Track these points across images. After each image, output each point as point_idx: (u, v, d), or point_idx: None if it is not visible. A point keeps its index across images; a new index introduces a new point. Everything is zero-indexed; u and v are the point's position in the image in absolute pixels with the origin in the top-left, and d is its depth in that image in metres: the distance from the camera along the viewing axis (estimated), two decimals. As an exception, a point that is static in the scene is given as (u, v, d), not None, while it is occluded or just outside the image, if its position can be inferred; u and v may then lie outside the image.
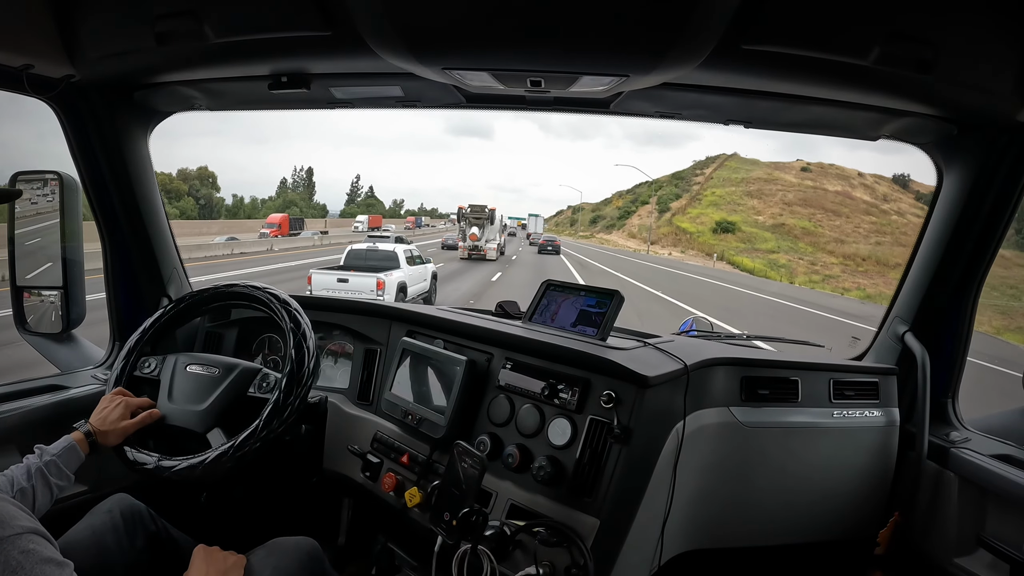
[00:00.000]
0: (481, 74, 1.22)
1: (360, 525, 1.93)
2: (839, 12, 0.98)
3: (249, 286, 1.54)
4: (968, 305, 1.53)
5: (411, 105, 1.64)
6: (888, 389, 1.57)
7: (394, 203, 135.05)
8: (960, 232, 1.46)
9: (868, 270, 51.75)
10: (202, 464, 1.28)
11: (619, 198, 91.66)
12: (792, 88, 1.30)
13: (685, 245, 67.53)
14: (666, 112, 1.56)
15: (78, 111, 1.56)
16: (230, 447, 1.29)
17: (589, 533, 1.15)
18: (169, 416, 1.41)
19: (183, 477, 1.29)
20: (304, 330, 1.42)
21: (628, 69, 1.14)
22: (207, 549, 1.18)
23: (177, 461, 1.30)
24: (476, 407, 1.42)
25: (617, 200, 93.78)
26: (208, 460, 1.28)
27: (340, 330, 1.84)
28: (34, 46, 1.28)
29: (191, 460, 1.30)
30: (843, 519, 1.53)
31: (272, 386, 1.40)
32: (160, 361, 1.50)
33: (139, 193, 1.73)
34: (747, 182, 79.14)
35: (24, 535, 0.78)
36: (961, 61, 1.07)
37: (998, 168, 1.37)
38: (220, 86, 1.54)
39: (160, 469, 1.31)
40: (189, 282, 1.97)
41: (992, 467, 1.34)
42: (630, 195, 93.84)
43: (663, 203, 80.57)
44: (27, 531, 0.79)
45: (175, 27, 1.17)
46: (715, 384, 1.37)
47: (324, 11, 1.08)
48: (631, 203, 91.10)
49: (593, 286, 1.53)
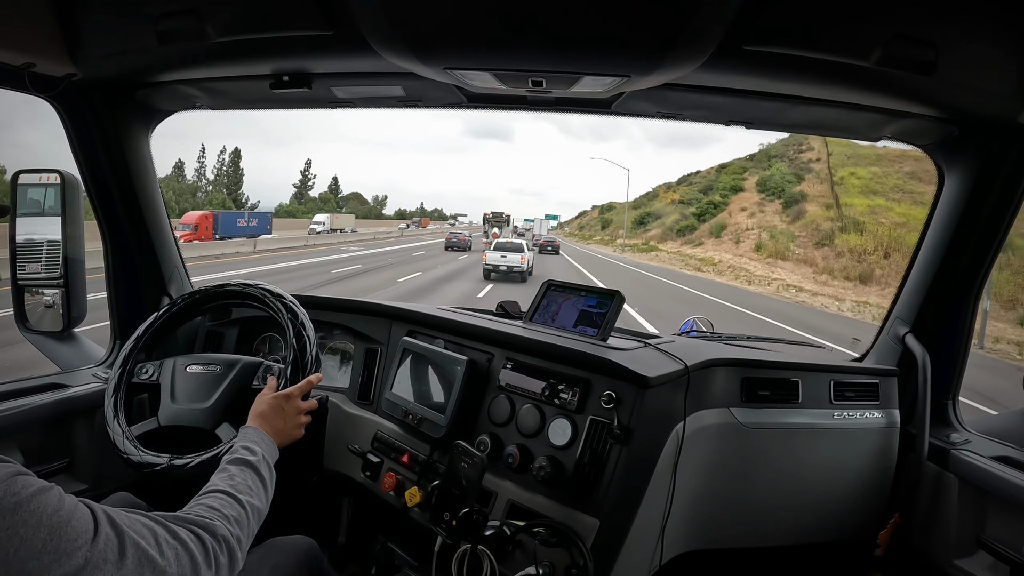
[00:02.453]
0: (482, 74, 1.22)
1: (360, 525, 1.93)
2: (841, 13, 0.98)
3: (242, 284, 1.54)
4: (969, 307, 1.52)
5: (412, 105, 1.64)
6: (889, 390, 1.57)
7: (376, 199, 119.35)
8: (961, 234, 1.46)
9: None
10: (216, 458, 1.27)
11: (670, 191, 61.01)
12: (793, 89, 1.30)
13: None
14: (667, 113, 1.56)
15: (79, 110, 1.57)
16: None
17: (589, 533, 1.15)
18: (174, 418, 1.40)
19: (199, 473, 1.28)
20: (302, 319, 1.43)
21: (629, 69, 1.14)
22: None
23: (190, 458, 1.30)
24: (476, 407, 1.42)
25: (669, 194, 59.98)
26: (223, 453, 1.28)
27: (341, 329, 1.84)
28: (36, 45, 1.28)
29: (204, 455, 1.29)
30: (843, 520, 1.53)
31: (276, 375, 1.40)
32: (158, 366, 1.49)
33: (140, 192, 1.73)
34: (888, 159, 37.82)
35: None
36: (962, 63, 1.07)
37: (999, 170, 1.36)
38: (221, 85, 1.54)
39: (173, 468, 1.29)
40: (190, 281, 1.98)
41: (992, 469, 1.34)
42: (685, 185, 59.25)
43: (776, 189, 42.52)
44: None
45: (177, 26, 1.17)
46: (715, 385, 1.37)
47: (326, 10, 1.08)
48: (701, 192, 52.56)
49: (593, 286, 1.53)
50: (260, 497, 0.98)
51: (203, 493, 0.93)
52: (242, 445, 1.07)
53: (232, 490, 0.93)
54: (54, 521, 0.65)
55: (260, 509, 0.97)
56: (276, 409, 1.20)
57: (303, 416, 1.25)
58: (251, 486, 0.98)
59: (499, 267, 18.68)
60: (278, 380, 1.34)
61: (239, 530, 0.87)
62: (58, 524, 0.65)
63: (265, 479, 1.02)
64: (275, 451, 1.12)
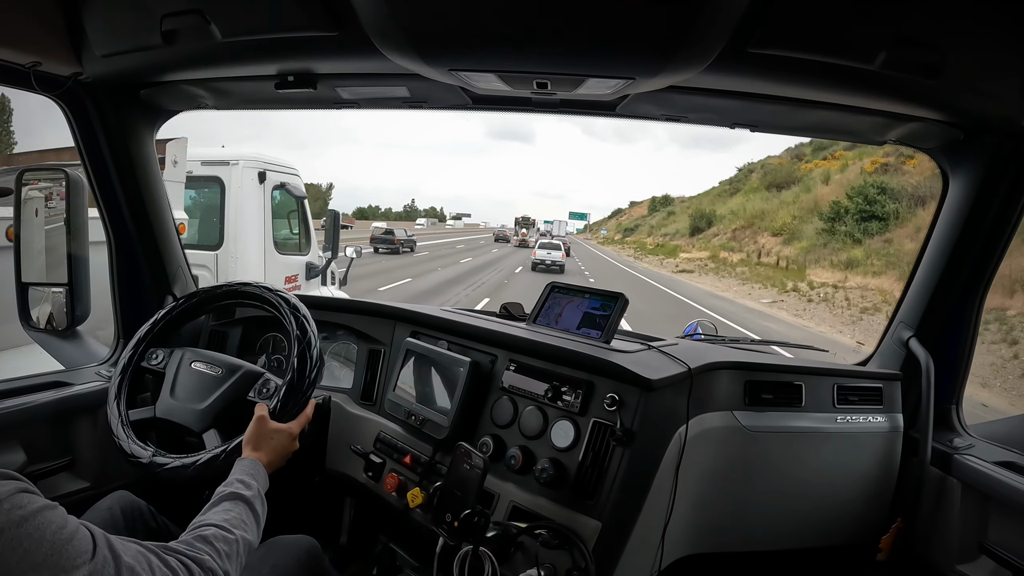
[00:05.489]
0: (487, 76, 1.22)
1: (362, 525, 1.93)
2: (846, 16, 0.98)
3: (261, 287, 1.53)
4: (973, 311, 1.52)
5: (417, 106, 1.64)
6: (892, 394, 1.56)
7: (405, 207, 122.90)
8: (965, 238, 1.45)
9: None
10: (194, 465, 1.29)
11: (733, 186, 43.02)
12: (798, 92, 1.29)
13: None
14: (672, 115, 1.56)
15: (85, 109, 1.57)
16: (222, 451, 1.28)
17: (591, 536, 1.15)
18: (170, 412, 1.41)
19: (174, 475, 1.30)
20: (310, 338, 1.39)
21: (634, 72, 1.14)
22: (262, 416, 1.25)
23: (170, 459, 1.31)
24: (479, 408, 1.42)
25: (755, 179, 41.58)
26: (200, 462, 1.29)
27: (344, 330, 1.84)
28: (42, 44, 1.28)
29: (184, 460, 1.30)
30: (845, 524, 1.52)
31: (271, 393, 1.38)
32: (168, 354, 1.51)
33: (145, 191, 1.74)
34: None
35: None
36: (968, 66, 1.07)
37: (1004, 174, 1.36)
38: (227, 85, 1.54)
39: (153, 465, 1.31)
40: (195, 280, 1.98)
41: (995, 474, 1.34)
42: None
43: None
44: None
45: (182, 26, 1.17)
46: (718, 388, 1.36)
47: (331, 12, 1.09)
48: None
49: (597, 288, 1.53)
50: (252, 532, 1.02)
51: (198, 525, 0.96)
52: (237, 479, 1.10)
53: (226, 524, 0.97)
54: (57, 538, 0.67)
55: (251, 543, 1.01)
56: (266, 438, 1.23)
57: (296, 437, 1.29)
58: (245, 521, 1.01)
59: (545, 261, 25.70)
60: (271, 401, 1.32)
61: (228, 564, 0.91)
62: (60, 542, 0.67)
63: (258, 513, 1.06)
64: (267, 481, 1.16)
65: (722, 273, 29.45)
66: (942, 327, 1.55)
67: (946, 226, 1.49)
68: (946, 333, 1.55)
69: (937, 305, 1.54)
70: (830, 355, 1.85)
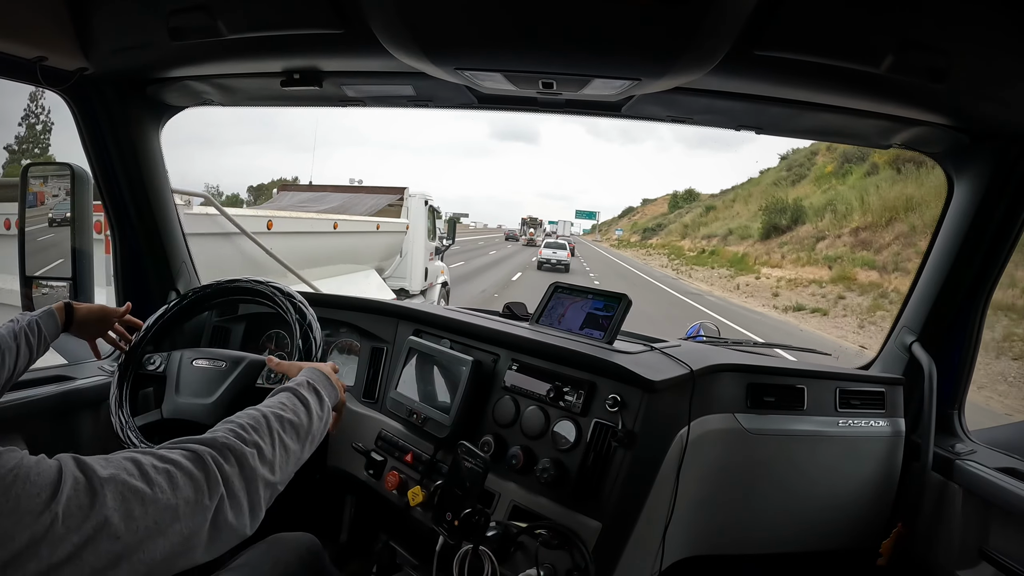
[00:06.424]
0: (493, 75, 1.22)
1: (362, 523, 1.93)
2: (852, 20, 0.98)
3: (252, 280, 1.54)
4: (976, 316, 1.52)
5: (423, 105, 1.65)
6: (894, 399, 1.56)
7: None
8: (970, 243, 1.45)
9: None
10: None
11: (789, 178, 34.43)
12: (804, 95, 1.29)
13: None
14: (677, 116, 1.56)
15: (90, 104, 1.57)
16: None
17: (591, 536, 1.15)
18: (178, 411, 1.41)
19: None
20: (310, 320, 1.42)
21: (640, 73, 1.14)
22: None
23: None
24: (481, 408, 1.42)
25: (824, 169, 30.41)
26: None
27: (347, 328, 1.85)
28: (48, 38, 1.28)
29: None
30: (846, 529, 1.52)
31: (280, 376, 1.40)
32: (165, 358, 1.50)
33: (150, 187, 1.74)
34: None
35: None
36: (974, 71, 1.06)
37: (1009, 179, 1.36)
38: (232, 82, 1.54)
39: None
40: (198, 276, 1.98)
41: (997, 480, 1.33)
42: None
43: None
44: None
45: (189, 22, 1.17)
46: (721, 390, 1.36)
47: (337, 9, 1.09)
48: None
49: (600, 289, 1.53)
50: (292, 413, 0.88)
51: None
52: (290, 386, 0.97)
53: (256, 409, 0.84)
54: (7, 480, 0.58)
55: (292, 421, 0.86)
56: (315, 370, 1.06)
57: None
58: (283, 403, 0.88)
59: (550, 260, 25.32)
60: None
61: (255, 436, 0.78)
62: (11, 481, 0.58)
63: (304, 397, 0.92)
64: (333, 392, 1.01)
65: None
66: (945, 332, 1.55)
67: (950, 231, 1.49)
68: (949, 338, 1.55)
69: (940, 310, 1.54)
70: (832, 359, 1.84)
